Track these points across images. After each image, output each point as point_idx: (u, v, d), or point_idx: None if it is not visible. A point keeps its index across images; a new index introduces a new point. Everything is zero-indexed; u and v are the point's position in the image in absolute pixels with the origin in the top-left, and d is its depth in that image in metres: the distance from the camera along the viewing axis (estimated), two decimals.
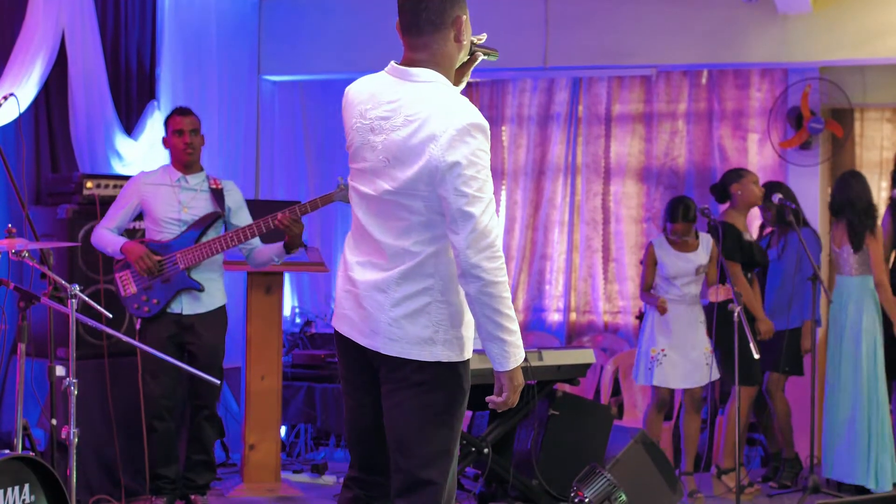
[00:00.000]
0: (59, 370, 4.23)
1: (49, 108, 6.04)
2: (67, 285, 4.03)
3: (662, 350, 6.06)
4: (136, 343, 4.41)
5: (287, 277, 7.58)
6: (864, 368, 6.09)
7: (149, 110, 6.61)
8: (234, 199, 5.56)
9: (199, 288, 5.36)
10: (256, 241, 5.42)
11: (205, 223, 5.40)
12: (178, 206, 5.42)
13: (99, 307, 4.21)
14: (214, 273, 5.47)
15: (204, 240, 5.36)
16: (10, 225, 4.34)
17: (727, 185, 6.26)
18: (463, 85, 3.22)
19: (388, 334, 2.97)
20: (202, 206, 5.45)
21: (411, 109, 2.93)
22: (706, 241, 6.17)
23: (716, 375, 6.12)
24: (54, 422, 4.40)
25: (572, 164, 8.32)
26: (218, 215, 5.44)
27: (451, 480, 3.05)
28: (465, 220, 2.86)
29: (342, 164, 8.67)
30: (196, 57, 7.04)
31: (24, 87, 5.58)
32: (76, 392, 3.96)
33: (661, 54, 7.32)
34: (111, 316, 4.30)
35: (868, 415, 6.08)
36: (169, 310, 5.37)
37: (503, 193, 8.46)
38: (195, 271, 5.37)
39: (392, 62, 3.06)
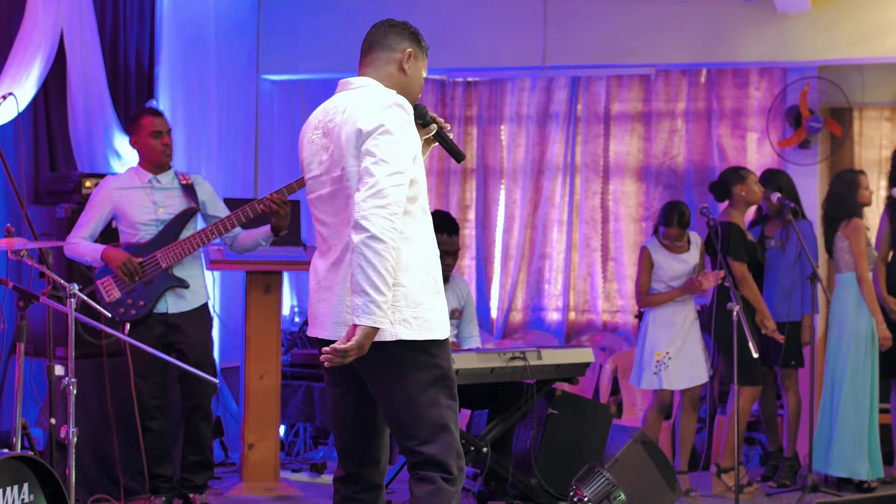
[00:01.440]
0: (58, 369, 4.23)
1: (48, 107, 6.03)
2: (66, 285, 4.03)
3: (667, 353, 6.05)
4: (136, 343, 4.41)
5: (286, 277, 7.57)
6: (855, 363, 6.12)
7: None
8: (206, 191, 5.54)
9: (186, 285, 5.35)
10: (237, 228, 5.41)
11: (182, 220, 5.39)
12: (154, 207, 5.40)
13: (98, 306, 4.21)
14: (196, 269, 5.47)
15: (183, 236, 5.35)
16: (8, 224, 4.34)
17: (729, 185, 6.26)
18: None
19: (348, 322, 3.16)
20: (177, 203, 5.43)
21: (351, 107, 3.24)
22: (695, 241, 6.22)
23: (710, 371, 6.16)
24: (53, 421, 4.39)
25: (571, 163, 8.32)
26: (194, 210, 5.44)
27: (456, 450, 3.24)
28: (368, 176, 3.10)
29: None
30: (195, 56, 7.03)
31: (23, 87, 5.58)
32: (75, 391, 3.96)
33: (660, 53, 7.32)
34: (110, 315, 4.30)
35: (860, 408, 6.11)
36: (155, 310, 5.36)
37: (502, 192, 8.46)
38: (178, 269, 5.36)
39: (341, 80, 3.41)
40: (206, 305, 5.55)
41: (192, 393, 5.48)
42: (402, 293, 3.16)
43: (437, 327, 3.23)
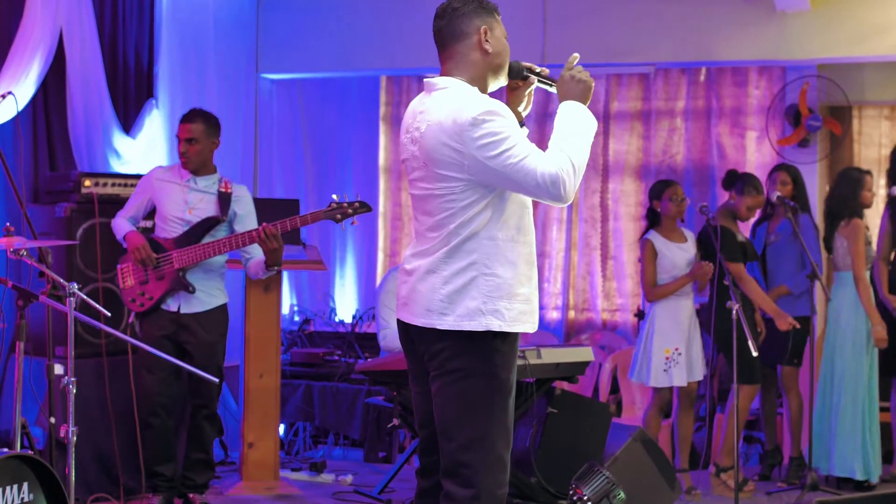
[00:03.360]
0: (58, 368, 4.23)
1: (47, 106, 6.03)
2: (66, 284, 4.03)
3: (677, 349, 6.02)
4: (135, 342, 4.41)
5: (285, 276, 7.58)
6: (850, 362, 6.13)
7: (147, 109, 6.61)
8: (242, 204, 5.51)
9: (190, 290, 5.35)
10: (254, 249, 5.41)
11: (204, 226, 5.39)
12: (184, 206, 5.42)
13: (97, 305, 4.21)
14: (211, 274, 5.45)
15: (203, 242, 5.35)
16: (8, 223, 4.34)
17: (743, 188, 6.25)
18: (523, 107, 3.58)
19: (441, 310, 3.22)
20: (205, 208, 5.44)
21: (433, 115, 3.24)
22: (690, 235, 6.24)
23: (706, 369, 6.16)
24: (53, 420, 4.39)
25: None
26: (218, 220, 5.42)
27: (492, 464, 3.23)
28: (537, 183, 3.12)
29: (341, 163, 8.67)
30: (194, 55, 7.03)
31: (22, 86, 5.58)
32: (74, 390, 3.96)
33: (660, 52, 7.32)
34: (109, 314, 4.29)
35: (861, 408, 6.11)
36: (164, 307, 5.37)
37: None
38: (191, 272, 5.36)
39: (425, 77, 3.36)
40: (222, 308, 5.53)
41: (200, 392, 5.48)
42: (496, 283, 3.20)
43: (522, 321, 3.25)
